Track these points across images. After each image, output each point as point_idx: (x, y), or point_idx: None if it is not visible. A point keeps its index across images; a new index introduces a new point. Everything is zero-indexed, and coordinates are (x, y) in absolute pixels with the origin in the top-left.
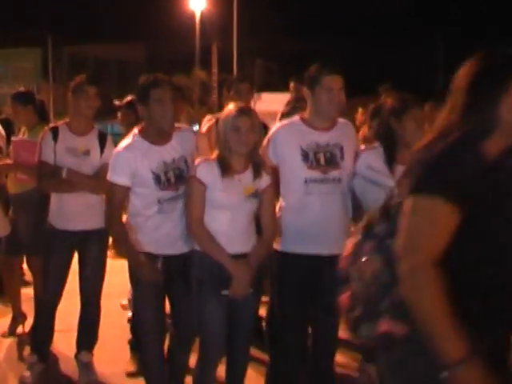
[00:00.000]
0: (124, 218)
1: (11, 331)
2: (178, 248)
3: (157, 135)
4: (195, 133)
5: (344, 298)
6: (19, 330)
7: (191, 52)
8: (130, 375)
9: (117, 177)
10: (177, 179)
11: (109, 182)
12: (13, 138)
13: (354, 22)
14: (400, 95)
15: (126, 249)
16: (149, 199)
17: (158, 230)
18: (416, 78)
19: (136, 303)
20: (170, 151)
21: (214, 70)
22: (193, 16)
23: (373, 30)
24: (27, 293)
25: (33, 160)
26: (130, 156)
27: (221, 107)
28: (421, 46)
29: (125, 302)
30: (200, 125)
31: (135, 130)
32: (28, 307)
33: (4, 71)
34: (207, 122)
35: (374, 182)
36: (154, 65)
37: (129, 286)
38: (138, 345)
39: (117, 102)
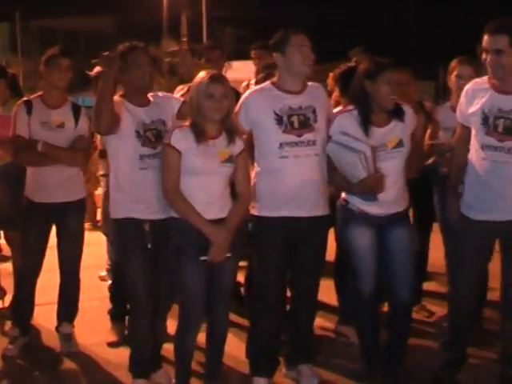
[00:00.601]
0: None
1: None
2: (163, 212)
3: (136, 98)
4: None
5: None
6: None
7: (160, 22)
8: (111, 345)
9: None
10: (156, 138)
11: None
12: None
13: None
14: (373, 58)
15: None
16: (131, 154)
17: (142, 186)
18: (388, 40)
19: (123, 269)
20: (149, 113)
21: (184, 39)
22: None
23: None
24: (5, 268)
25: (7, 135)
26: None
27: (191, 76)
28: (391, 8)
29: (103, 273)
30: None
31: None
32: (7, 282)
33: None
34: (179, 91)
35: (348, 147)
36: (123, 36)
37: (105, 257)
38: (117, 315)
39: (90, 73)
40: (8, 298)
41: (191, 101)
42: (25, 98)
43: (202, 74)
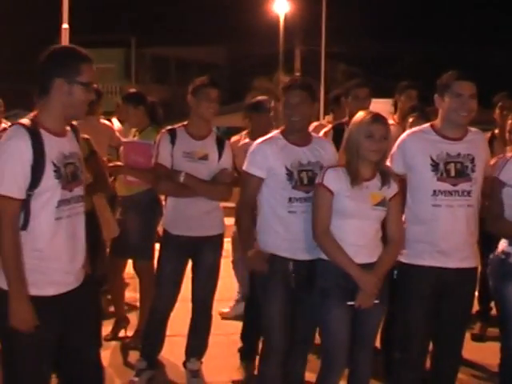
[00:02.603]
0: None
1: (114, 335)
2: (307, 253)
3: (296, 136)
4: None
5: None
6: (121, 333)
7: (273, 55)
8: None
9: (253, 168)
10: (309, 180)
11: (244, 172)
12: (123, 140)
13: (440, 26)
14: None
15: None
16: (281, 196)
17: (289, 230)
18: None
19: (262, 305)
20: (307, 153)
21: (297, 74)
22: (276, 19)
23: (466, 33)
24: (128, 296)
25: (143, 162)
26: (268, 149)
27: None
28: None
29: (225, 309)
30: None
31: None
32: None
33: None
34: (315, 128)
35: None
36: (235, 67)
37: (227, 291)
38: (247, 353)
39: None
40: (130, 328)
41: (349, 140)
42: (169, 127)
43: (362, 113)
